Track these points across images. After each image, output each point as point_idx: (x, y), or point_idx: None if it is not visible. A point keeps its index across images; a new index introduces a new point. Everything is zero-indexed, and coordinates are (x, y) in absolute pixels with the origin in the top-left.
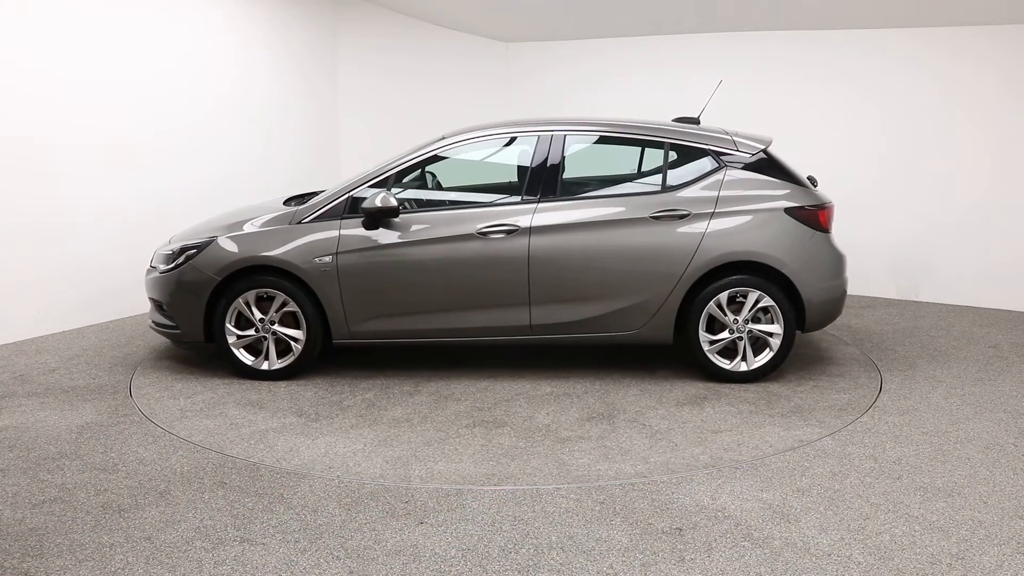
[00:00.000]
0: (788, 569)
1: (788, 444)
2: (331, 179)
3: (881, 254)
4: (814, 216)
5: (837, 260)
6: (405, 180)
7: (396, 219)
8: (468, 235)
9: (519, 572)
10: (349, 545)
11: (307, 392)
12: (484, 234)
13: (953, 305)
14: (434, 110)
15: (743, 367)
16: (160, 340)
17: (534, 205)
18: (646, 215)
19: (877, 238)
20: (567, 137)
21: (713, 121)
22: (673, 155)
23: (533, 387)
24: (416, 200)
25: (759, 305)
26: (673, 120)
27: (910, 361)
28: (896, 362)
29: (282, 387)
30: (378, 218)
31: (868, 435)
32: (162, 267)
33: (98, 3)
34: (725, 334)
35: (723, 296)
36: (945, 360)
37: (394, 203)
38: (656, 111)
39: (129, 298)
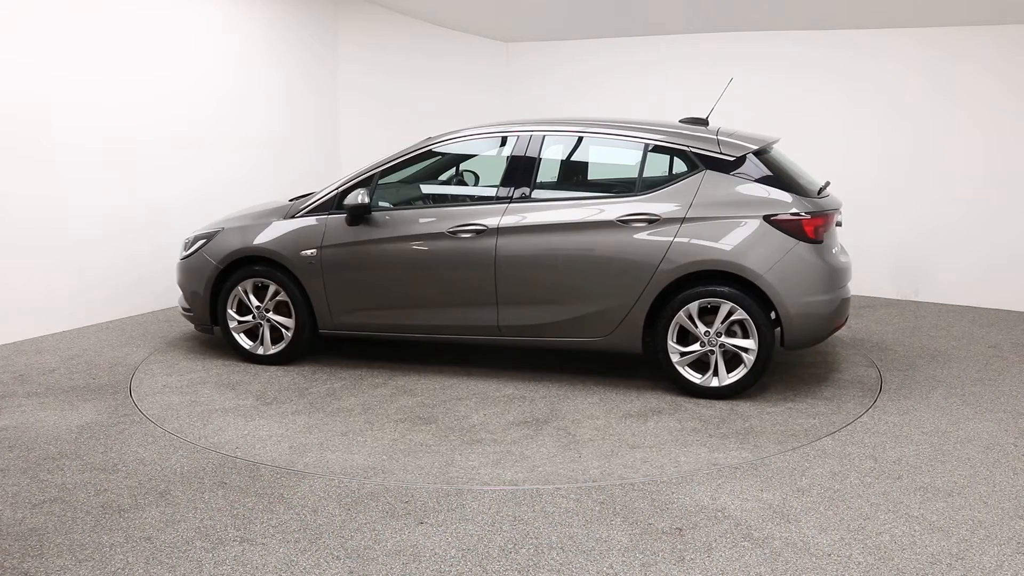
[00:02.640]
0: (788, 569)
1: (697, 467)
2: (333, 179)
3: (881, 254)
4: (797, 225)
5: (826, 273)
6: (442, 178)
7: (377, 216)
8: (439, 234)
9: (519, 572)
10: (349, 545)
11: (285, 378)
12: (454, 233)
13: (953, 305)
14: (434, 110)
15: (714, 383)
16: (160, 339)
17: (505, 206)
18: (613, 218)
19: (877, 238)
20: (545, 138)
21: (719, 122)
22: (652, 156)
23: (496, 388)
24: (418, 198)
25: (732, 318)
26: (680, 121)
27: (910, 361)
28: (896, 362)
29: (268, 371)
30: (357, 215)
31: (868, 435)
32: (182, 254)
33: (99, 4)
34: (696, 346)
35: (693, 306)
36: (945, 360)
37: (365, 201)
38: (656, 111)
39: (129, 298)
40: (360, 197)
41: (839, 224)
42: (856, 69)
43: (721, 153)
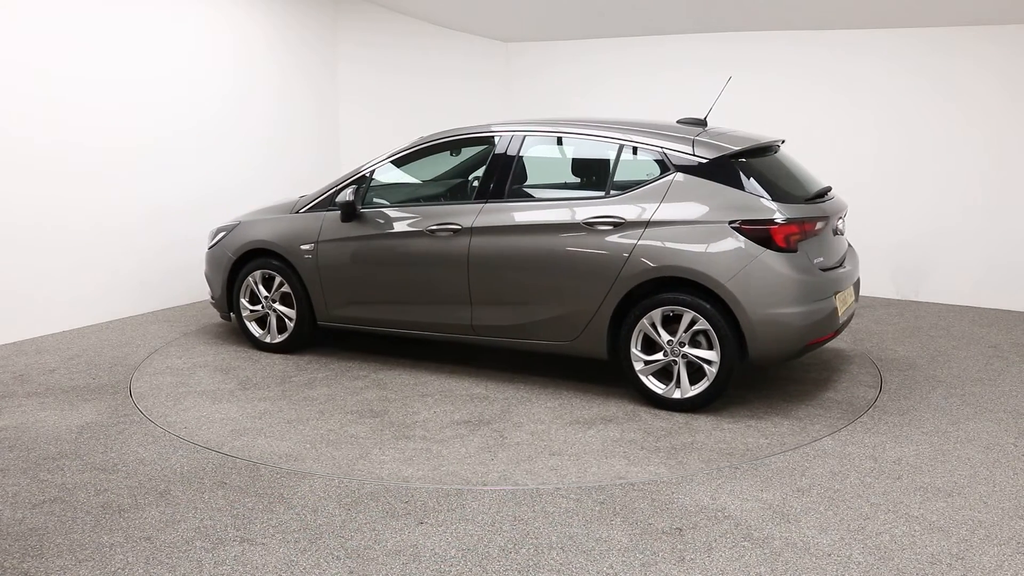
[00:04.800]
0: (788, 569)
1: (602, 480)
2: (333, 178)
3: (881, 254)
4: (764, 232)
5: (798, 284)
6: (472, 177)
7: (368, 212)
8: (419, 232)
9: (519, 572)
10: (349, 545)
11: (279, 365)
12: (433, 232)
13: (953, 305)
14: (435, 111)
15: (677, 394)
16: (160, 339)
17: (481, 206)
18: (579, 221)
19: (877, 238)
20: (525, 138)
21: (721, 122)
22: (625, 157)
23: (467, 386)
24: (407, 196)
25: (695, 327)
26: (678, 121)
27: (910, 361)
28: (896, 362)
29: (269, 359)
30: (346, 212)
31: (868, 435)
32: (208, 245)
33: (99, 4)
34: (659, 355)
35: (656, 314)
36: (945, 360)
37: (350, 199)
38: (656, 111)
39: (129, 298)
40: (347, 195)
41: (837, 232)
42: (856, 69)
43: (694, 155)
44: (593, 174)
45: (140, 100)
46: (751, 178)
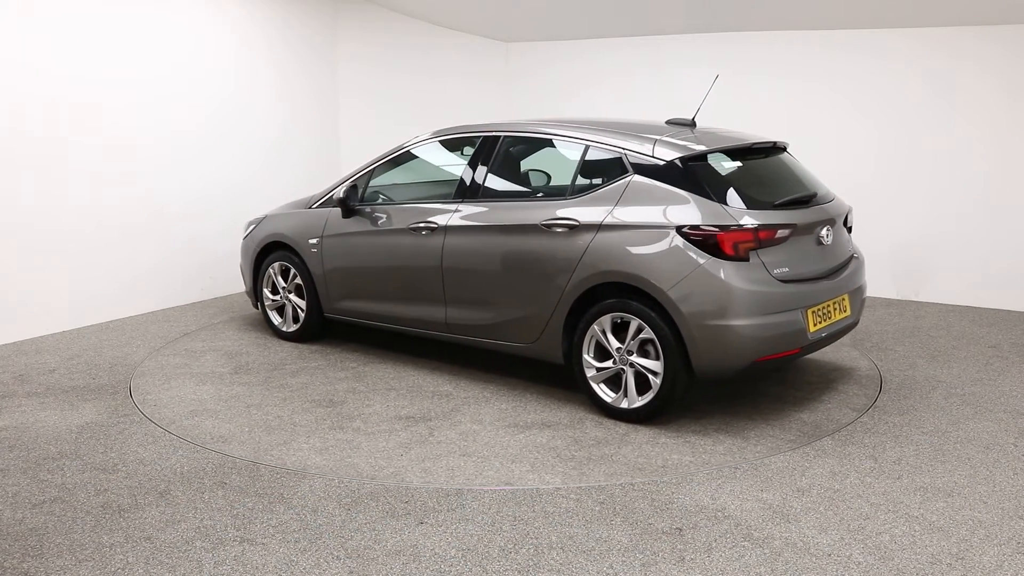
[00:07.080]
0: (788, 569)
1: (486, 485)
2: (333, 177)
3: (882, 254)
4: (711, 239)
5: (743, 296)
6: (492, 175)
7: (366, 209)
8: (403, 229)
9: (519, 572)
10: (349, 545)
11: (283, 353)
12: (414, 230)
13: (953, 305)
14: (435, 111)
15: (624, 404)
16: (160, 339)
17: (456, 205)
18: (538, 223)
19: (877, 238)
20: (501, 139)
21: (713, 122)
22: (589, 159)
23: (437, 383)
24: (402, 195)
25: (643, 336)
26: (666, 122)
27: (910, 361)
28: (896, 362)
29: (280, 346)
30: (343, 208)
31: (868, 435)
32: (243, 236)
33: (99, 4)
34: (609, 363)
35: (606, 320)
36: (945, 360)
37: (341, 196)
38: (655, 111)
39: (129, 298)
40: (341, 192)
41: (822, 242)
42: (856, 69)
43: (652, 157)
44: (558, 175)
45: (140, 100)
46: (713, 181)
